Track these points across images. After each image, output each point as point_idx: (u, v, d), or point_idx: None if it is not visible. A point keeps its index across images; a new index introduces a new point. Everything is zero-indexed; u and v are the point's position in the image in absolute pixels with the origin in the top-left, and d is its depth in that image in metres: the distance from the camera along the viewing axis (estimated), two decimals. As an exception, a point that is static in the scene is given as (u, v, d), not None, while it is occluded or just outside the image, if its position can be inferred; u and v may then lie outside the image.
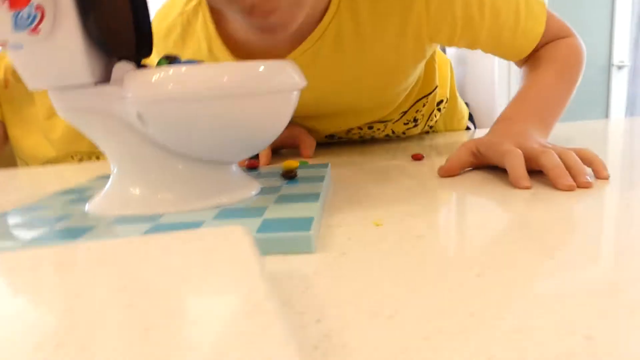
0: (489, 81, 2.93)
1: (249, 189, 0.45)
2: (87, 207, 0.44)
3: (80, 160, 1.08)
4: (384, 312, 0.24)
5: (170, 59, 0.42)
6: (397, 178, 0.54)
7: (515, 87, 2.71)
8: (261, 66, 0.40)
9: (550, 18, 0.68)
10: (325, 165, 0.55)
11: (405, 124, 0.85)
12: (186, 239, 0.26)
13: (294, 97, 0.42)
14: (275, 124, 0.42)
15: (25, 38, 0.36)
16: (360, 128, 0.83)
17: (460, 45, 0.68)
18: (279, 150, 0.79)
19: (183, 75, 0.38)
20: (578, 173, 0.45)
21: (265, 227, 0.34)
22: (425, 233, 0.35)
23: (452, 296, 0.25)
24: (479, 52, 0.71)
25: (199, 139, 0.40)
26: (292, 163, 0.51)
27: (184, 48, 0.70)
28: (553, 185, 0.45)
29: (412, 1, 0.62)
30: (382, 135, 0.87)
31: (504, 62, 2.79)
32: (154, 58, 0.50)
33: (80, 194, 0.51)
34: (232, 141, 0.41)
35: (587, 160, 0.48)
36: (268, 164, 0.67)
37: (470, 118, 1.03)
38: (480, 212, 0.40)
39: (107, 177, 0.58)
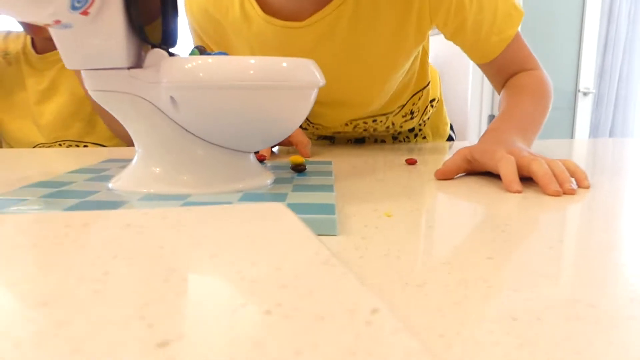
0: (462, 98, 3.02)
1: (265, 177, 0.48)
2: (111, 185, 0.46)
3: (68, 147, 1.09)
4: (414, 282, 0.27)
5: (201, 50, 0.45)
6: (396, 179, 0.57)
7: (487, 104, 2.80)
8: (284, 62, 0.43)
9: (521, 46, 0.77)
10: (329, 162, 0.59)
11: (403, 116, 0.93)
12: (239, 210, 0.29)
13: (314, 94, 0.46)
14: (294, 118, 0.46)
15: (75, 18, 0.38)
16: (365, 122, 0.88)
17: (450, 29, 0.74)
18: (273, 147, 0.83)
19: (214, 65, 0.41)
20: (564, 181, 0.50)
21: (292, 209, 0.37)
22: (435, 224, 0.39)
23: (468, 275, 0.28)
24: (453, 71, 0.78)
25: (224, 126, 0.43)
26: (298, 157, 0.54)
27: (217, 2, 0.75)
28: (542, 190, 0.49)
29: None
30: (383, 127, 0.92)
31: (478, 79, 2.88)
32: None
33: (97, 174, 0.52)
34: (253, 131, 0.44)
35: (571, 170, 0.53)
36: (268, 159, 0.70)
37: (451, 128, 1.10)
38: (477, 211, 0.44)
39: (116, 160, 0.60)
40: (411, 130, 1.00)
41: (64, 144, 1.09)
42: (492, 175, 0.56)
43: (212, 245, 0.23)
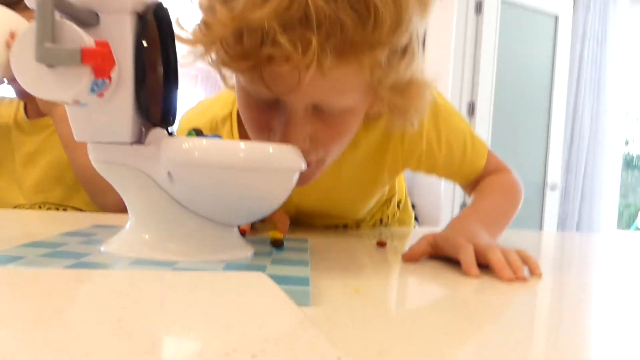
0: (435, 182, 3.13)
1: (246, 250, 0.52)
2: (103, 248, 0.50)
3: (48, 209, 1.11)
4: (376, 349, 0.31)
5: (197, 132, 0.50)
6: (367, 259, 0.62)
7: (459, 192, 2.90)
8: (270, 147, 0.49)
9: (491, 156, 0.85)
10: (306, 240, 0.63)
11: (373, 225, 0.99)
12: (222, 277, 0.33)
13: (295, 176, 0.51)
14: (277, 197, 0.51)
15: (92, 99, 0.43)
16: (336, 227, 0.94)
17: (422, 170, 0.83)
18: (254, 224, 0.87)
19: (208, 146, 0.46)
20: (517, 269, 0.55)
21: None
22: (399, 301, 0.43)
23: (426, 347, 0.33)
24: (425, 182, 0.88)
25: (213, 201, 0.48)
26: (277, 233, 0.59)
27: (208, 128, 0.80)
28: (497, 276, 0.54)
29: (390, 140, 0.76)
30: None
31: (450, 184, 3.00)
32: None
33: (88, 237, 0.56)
34: (239, 207, 0.49)
35: (524, 259, 0.58)
36: (248, 233, 0.74)
37: (416, 219, 1.19)
38: (438, 292, 0.49)
39: (104, 226, 0.64)
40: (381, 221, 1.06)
41: (44, 206, 1.11)
42: (453, 261, 0.61)
43: (200, 307, 0.27)
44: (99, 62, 0.40)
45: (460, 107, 2.99)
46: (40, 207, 1.12)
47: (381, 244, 0.72)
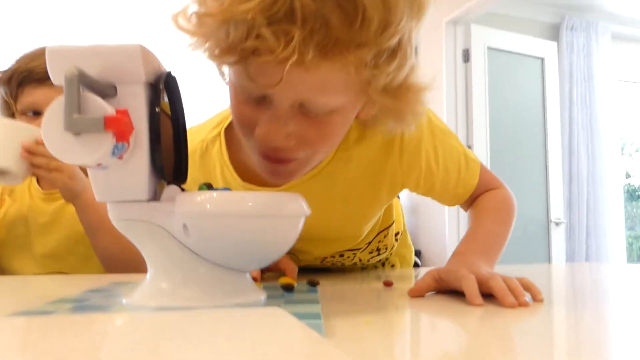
0: (440, 227, 3.15)
1: (259, 294, 0.56)
2: (124, 301, 0.53)
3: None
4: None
5: (208, 186, 0.54)
6: (374, 296, 0.65)
7: (463, 232, 2.91)
8: (276, 196, 0.53)
9: (483, 172, 0.87)
10: (315, 285, 0.66)
11: (370, 252, 0.98)
12: (241, 314, 0.36)
13: (301, 222, 0.55)
14: (285, 242, 0.54)
15: (112, 162, 0.47)
16: (332, 256, 0.95)
17: (420, 191, 0.84)
18: (263, 272, 0.89)
19: (219, 198, 0.51)
20: (519, 294, 0.58)
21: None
22: (408, 332, 0.46)
23: None
24: (429, 204, 0.89)
25: (225, 248, 0.52)
26: (288, 279, 0.62)
27: (200, 168, 0.81)
28: (500, 303, 0.57)
29: (388, 156, 0.77)
30: (350, 262, 0.98)
31: (454, 210, 3.04)
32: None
33: (109, 292, 0.59)
34: (250, 252, 0.53)
35: (525, 286, 0.61)
36: (258, 280, 0.77)
37: (417, 254, 1.19)
38: (445, 320, 0.51)
39: (122, 283, 0.67)
40: (379, 260, 1.06)
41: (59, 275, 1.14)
42: (457, 293, 0.64)
43: (225, 341, 0.30)
44: (119, 128, 0.44)
45: (458, 152, 3.04)
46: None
47: (387, 284, 0.75)
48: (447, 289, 0.66)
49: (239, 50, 0.51)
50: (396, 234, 1.03)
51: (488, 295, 0.60)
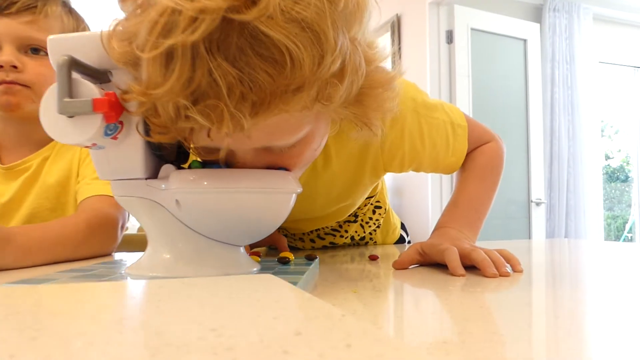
0: (423, 206, 3.19)
1: (252, 265, 0.58)
2: (124, 270, 0.56)
3: None
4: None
5: (201, 164, 0.55)
6: (360, 268, 0.67)
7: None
8: (268, 173, 0.54)
9: (471, 131, 0.85)
10: (313, 259, 0.68)
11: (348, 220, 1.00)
12: (237, 280, 0.38)
13: (293, 198, 0.56)
14: (277, 218, 0.56)
15: (107, 142, 0.50)
16: (322, 229, 0.98)
17: (408, 170, 0.85)
18: (255, 247, 0.92)
19: (212, 175, 0.52)
20: (500, 265, 0.60)
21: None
22: (392, 299, 0.48)
23: (413, 334, 0.37)
24: (413, 184, 0.90)
25: (218, 224, 0.53)
26: (288, 254, 0.65)
27: None
28: (482, 273, 0.59)
29: (369, 145, 0.77)
30: (339, 237, 1.01)
31: (436, 188, 3.08)
32: None
33: (116, 264, 0.64)
34: (242, 228, 0.54)
35: (506, 257, 0.63)
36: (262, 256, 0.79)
37: (403, 227, 1.20)
38: (428, 289, 0.53)
39: (113, 262, 0.68)
40: (362, 238, 1.08)
41: None
42: (440, 266, 0.66)
43: (221, 304, 0.32)
44: (107, 109, 0.47)
45: (441, 133, 3.07)
46: None
47: (373, 258, 0.77)
48: (431, 262, 0.68)
49: (174, 129, 0.46)
50: (377, 208, 1.03)
51: (470, 267, 0.62)
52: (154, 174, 0.54)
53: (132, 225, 3.48)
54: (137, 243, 2.18)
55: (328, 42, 0.43)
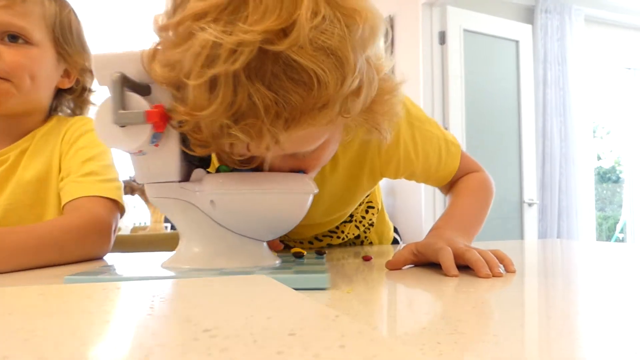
0: (416, 207, 3.20)
1: (274, 259, 0.64)
2: (162, 265, 0.61)
3: None
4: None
5: (229, 167, 0.61)
6: (354, 269, 0.67)
7: (439, 212, 2.96)
8: (289, 176, 0.61)
9: (464, 156, 0.91)
10: (322, 254, 0.72)
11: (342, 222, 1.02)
12: (235, 280, 0.38)
13: (310, 198, 0.63)
14: (296, 216, 0.63)
15: (150, 149, 0.56)
16: (320, 237, 1.01)
17: (401, 177, 0.88)
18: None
19: (241, 179, 0.59)
20: (493, 266, 0.60)
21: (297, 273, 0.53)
22: (385, 298, 0.48)
23: (406, 334, 0.37)
24: (406, 185, 0.93)
25: (246, 220, 0.60)
26: (298, 249, 0.70)
27: None
28: (476, 274, 0.59)
29: (367, 149, 0.81)
30: (336, 239, 1.02)
31: (430, 191, 3.08)
32: None
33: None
34: (267, 224, 0.61)
35: (499, 258, 0.64)
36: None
37: (395, 230, 1.22)
38: (423, 291, 0.53)
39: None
40: (357, 237, 1.09)
41: None
42: (434, 267, 0.66)
43: (221, 300, 0.32)
44: (157, 120, 0.52)
45: (434, 134, 3.08)
46: None
47: (366, 258, 0.77)
48: (425, 262, 0.68)
49: (215, 144, 0.53)
50: (369, 208, 1.06)
51: (464, 267, 0.62)
52: (186, 177, 0.60)
53: (125, 227, 3.47)
54: (129, 244, 2.17)
55: (349, 65, 0.49)
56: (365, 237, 1.10)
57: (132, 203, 4.16)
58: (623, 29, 4.23)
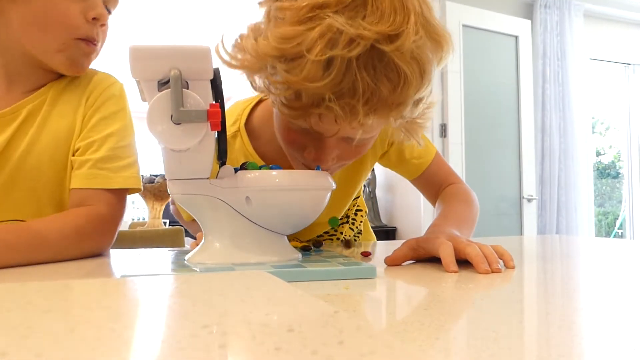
0: (415, 205, 3.20)
1: (295, 253, 0.66)
2: (186, 259, 0.63)
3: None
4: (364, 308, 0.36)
5: (257, 165, 0.64)
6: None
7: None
8: (311, 173, 0.65)
9: (443, 163, 0.98)
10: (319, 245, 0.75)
11: (339, 219, 1.04)
12: (237, 275, 0.38)
13: (328, 194, 0.66)
14: (316, 210, 0.65)
15: (195, 146, 0.56)
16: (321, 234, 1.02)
17: (380, 159, 0.93)
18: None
19: (274, 175, 0.61)
20: (492, 261, 0.60)
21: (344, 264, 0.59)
22: (383, 294, 0.48)
23: (406, 332, 0.37)
24: (405, 182, 0.96)
25: (277, 215, 0.62)
26: (304, 243, 0.74)
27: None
28: (475, 269, 0.59)
29: None
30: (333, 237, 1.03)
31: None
32: None
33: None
34: (292, 218, 0.64)
35: (499, 253, 0.64)
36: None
37: (392, 231, 1.25)
38: (420, 286, 0.53)
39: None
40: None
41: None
42: (433, 262, 0.66)
43: (224, 295, 0.32)
44: (217, 119, 0.53)
45: (433, 130, 3.09)
46: None
47: (365, 254, 0.77)
48: (425, 257, 0.68)
49: (307, 112, 0.61)
50: (358, 211, 1.10)
51: (464, 262, 0.62)
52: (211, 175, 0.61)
53: (124, 222, 3.47)
54: (128, 240, 2.17)
55: (427, 77, 0.61)
56: (355, 239, 1.11)
57: (131, 199, 4.17)
58: (623, 24, 4.23)
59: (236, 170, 0.62)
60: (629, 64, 4.40)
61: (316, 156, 0.70)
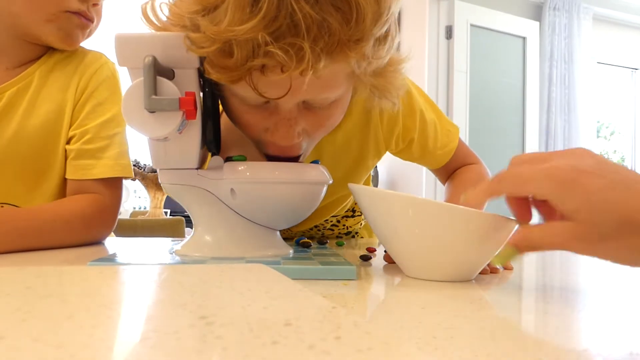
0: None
1: (287, 249, 0.64)
2: (174, 251, 0.61)
3: None
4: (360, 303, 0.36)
5: (245, 157, 0.61)
6: (354, 262, 0.67)
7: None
8: (305, 166, 0.61)
9: (462, 145, 0.93)
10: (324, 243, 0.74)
11: (345, 211, 1.02)
12: (235, 268, 0.38)
13: (324, 189, 0.63)
14: (311, 205, 0.63)
15: (174, 135, 0.55)
16: (322, 224, 1.00)
17: (400, 148, 0.88)
18: None
19: (260, 167, 0.59)
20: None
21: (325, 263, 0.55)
22: (381, 291, 0.48)
23: (401, 319, 0.37)
24: (407, 178, 0.93)
25: (264, 209, 0.60)
26: (306, 240, 0.71)
27: None
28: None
29: (370, 119, 0.81)
30: (329, 225, 1.03)
31: (431, 184, 3.08)
32: None
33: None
34: (283, 213, 0.61)
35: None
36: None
37: None
38: (416, 286, 0.53)
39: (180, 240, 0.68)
40: (347, 233, 1.09)
41: None
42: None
43: (220, 288, 0.32)
44: (190, 107, 0.51)
45: (437, 129, 3.08)
46: None
47: (371, 250, 0.77)
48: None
49: (244, 68, 0.51)
50: (353, 209, 1.06)
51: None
52: (201, 164, 0.60)
53: (125, 211, 3.48)
54: (129, 228, 2.18)
55: (385, 5, 0.51)
56: (357, 232, 1.10)
57: (132, 187, 4.17)
58: (632, 29, 4.21)
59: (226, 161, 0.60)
60: (636, 69, 4.39)
61: (280, 135, 0.60)
